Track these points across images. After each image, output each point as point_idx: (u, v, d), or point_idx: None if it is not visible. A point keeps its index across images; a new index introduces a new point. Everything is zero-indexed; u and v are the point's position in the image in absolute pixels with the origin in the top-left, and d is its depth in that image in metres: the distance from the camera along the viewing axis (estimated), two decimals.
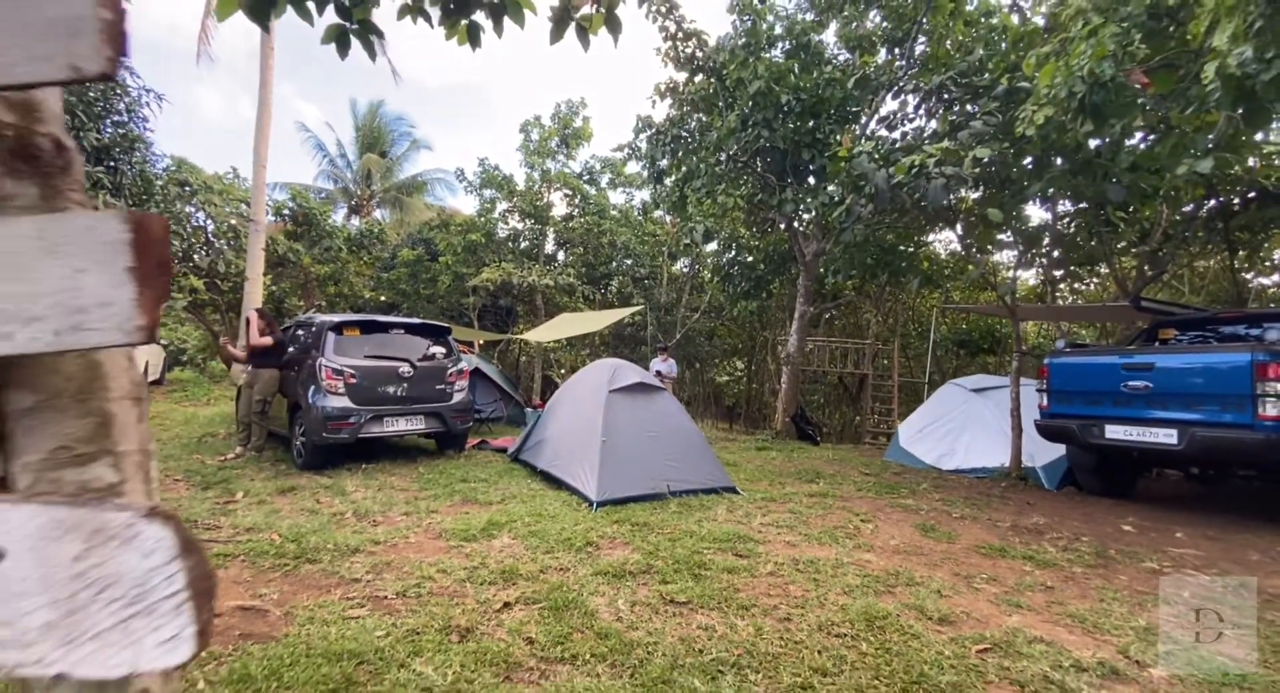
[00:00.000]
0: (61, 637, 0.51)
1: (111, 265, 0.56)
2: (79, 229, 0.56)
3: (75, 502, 0.53)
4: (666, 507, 5.14)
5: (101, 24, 0.55)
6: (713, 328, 19.36)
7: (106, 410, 0.64)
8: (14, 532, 0.52)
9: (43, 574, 0.51)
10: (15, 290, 0.56)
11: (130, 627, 0.51)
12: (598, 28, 2.89)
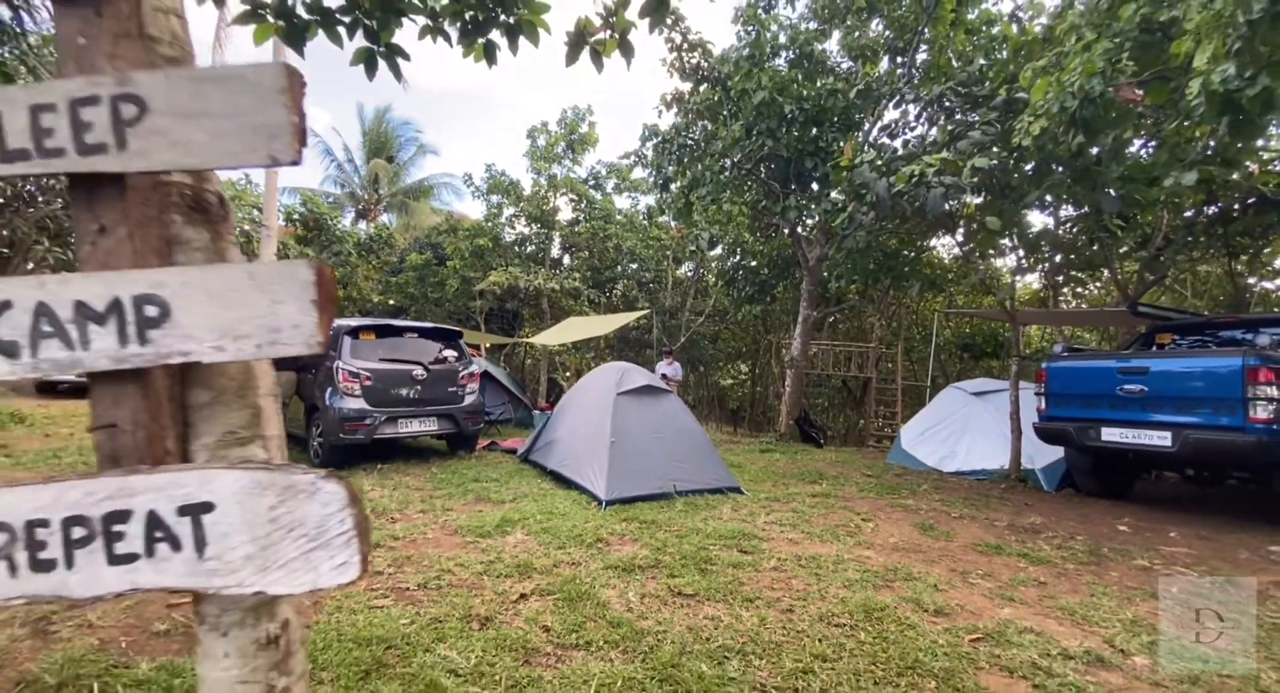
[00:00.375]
0: (259, 565, 0.69)
1: (302, 298, 0.74)
2: (279, 272, 0.75)
3: (271, 467, 0.72)
4: (673, 506, 5.31)
5: (293, 127, 0.73)
6: (717, 332, 19.51)
7: (258, 404, 0.81)
8: (221, 490, 0.70)
9: (245, 520, 0.69)
10: (232, 315, 0.74)
11: (311, 557, 0.69)
12: (611, 51, 3.07)
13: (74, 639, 2.81)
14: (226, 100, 0.80)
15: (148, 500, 0.73)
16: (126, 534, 0.72)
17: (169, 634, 2.92)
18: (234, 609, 0.77)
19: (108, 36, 0.77)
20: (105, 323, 0.74)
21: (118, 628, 2.95)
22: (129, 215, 0.77)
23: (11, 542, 0.72)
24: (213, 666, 0.80)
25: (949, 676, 2.66)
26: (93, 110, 0.75)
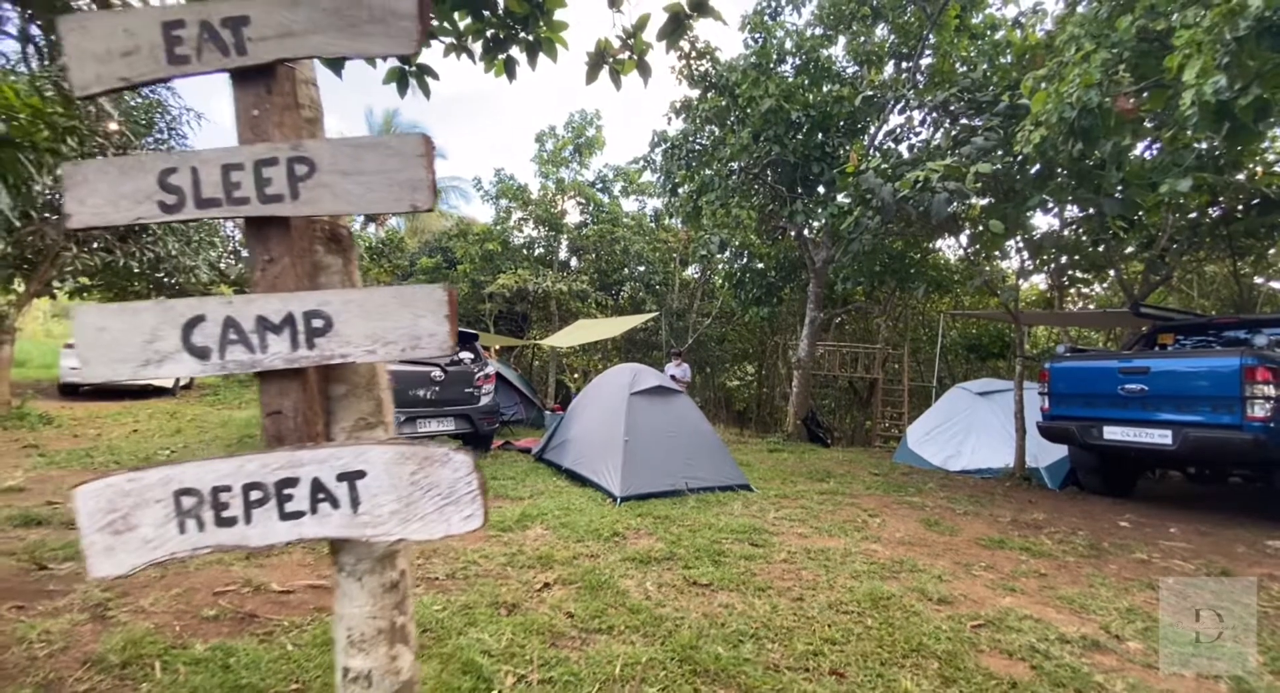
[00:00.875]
0: (402, 518, 0.87)
1: (437, 313, 0.93)
2: (420, 293, 0.93)
3: (412, 442, 0.90)
4: (685, 502, 5.48)
5: (429, 182, 0.92)
6: (723, 333, 19.66)
7: (380, 397, 0.99)
8: (373, 461, 0.89)
9: (391, 484, 0.88)
10: (382, 326, 0.93)
11: (444, 511, 0.88)
12: (629, 71, 3.25)
13: (131, 624, 3.01)
14: (378, 162, 1.01)
15: (312, 470, 0.92)
16: (295, 496, 0.91)
17: (218, 620, 3.11)
18: (367, 559, 0.95)
19: (275, 109, 0.97)
20: (281, 332, 0.93)
21: (170, 614, 3.15)
22: (291, 248, 0.96)
23: (199, 504, 0.91)
24: (349, 604, 0.99)
25: (951, 657, 2.83)
26: (272, 169, 0.94)
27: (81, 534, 0.93)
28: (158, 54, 0.97)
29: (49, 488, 5.55)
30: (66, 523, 4.53)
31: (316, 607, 3.26)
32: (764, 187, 9.60)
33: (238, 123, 0.99)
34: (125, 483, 0.92)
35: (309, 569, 3.80)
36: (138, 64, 0.98)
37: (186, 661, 2.67)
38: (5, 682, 2.50)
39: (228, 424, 9.93)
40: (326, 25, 0.99)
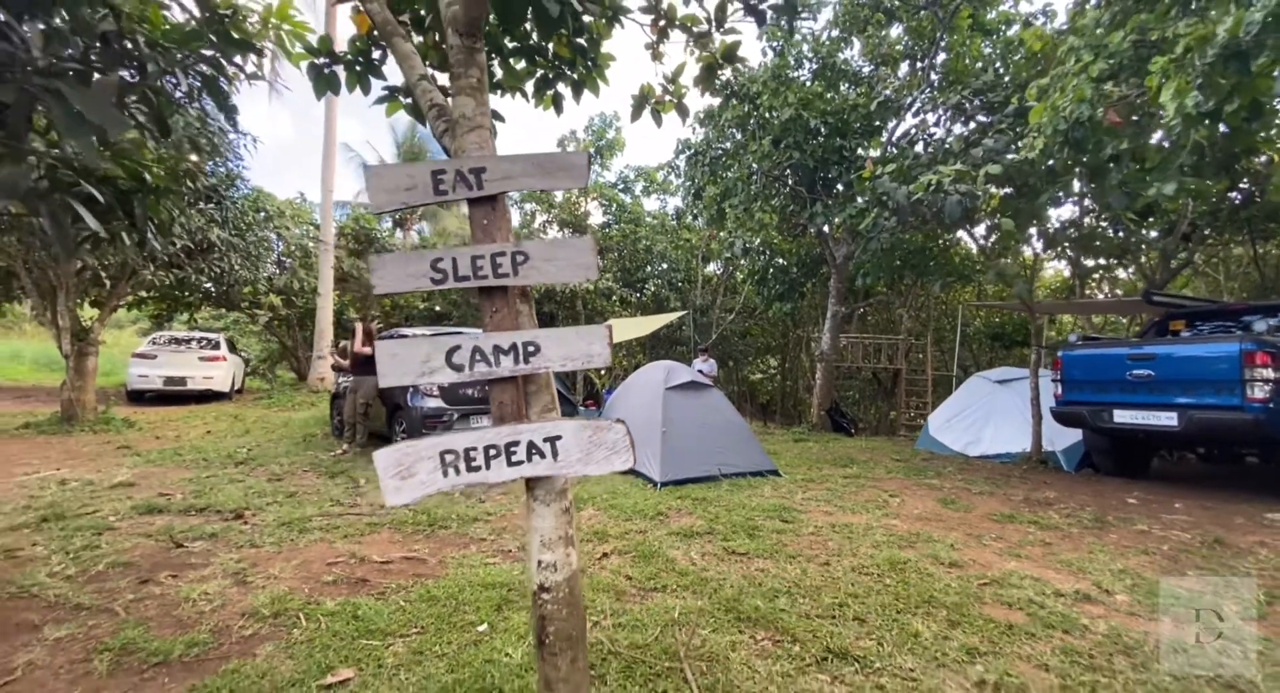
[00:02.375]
0: (583, 462, 1.40)
1: (602, 340, 1.46)
2: (593, 329, 1.47)
3: (588, 418, 1.44)
4: (720, 486, 6.01)
5: (596, 263, 1.45)
6: (746, 328, 20.06)
7: (552, 392, 1.52)
8: (565, 430, 1.42)
9: (577, 442, 1.41)
10: (569, 349, 1.46)
11: (610, 457, 1.41)
12: (669, 111, 3.76)
13: (269, 586, 3.64)
14: (567, 253, 1.51)
15: (528, 435, 1.45)
16: (517, 452, 1.44)
17: (336, 583, 3.73)
18: (553, 491, 1.47)
19: (497, 219, 1.50)
20: (508, 354, 1.46)
21: (296, 580, 3.77)
22: (508, 303, 1.49)
23: (457, 458, 1.45)
24: (540, 521, 1.52)
25: (958, 607, 3.31)
26: (503, 258, 1.47)
27: (380, 479, 1.47)
28: (427, 189, 1.51)
29: (154, 482, 6.27)
30: (183, 510, 5.23)
31: (415, 574, 3.86)
32: (785, 189, 10.03)
33: (473, 226, 1.53)
34: (407, 447, 1.46)
35: (399, 546, 4.41)
36: (415, 195, 1.53)
37: (322, 613, 3.27)
38: (185, 629, 3.13)
39: (289, 424, 10.70)
40: (532, 172, 1.52)
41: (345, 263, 17.91)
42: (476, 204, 1.53)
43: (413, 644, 2.94)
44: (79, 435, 9.10)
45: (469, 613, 3.26)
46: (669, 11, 3.30)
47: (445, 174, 1.51)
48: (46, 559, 4.01)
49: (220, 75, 3.23)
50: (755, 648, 2.93)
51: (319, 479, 6.52)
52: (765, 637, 3.04)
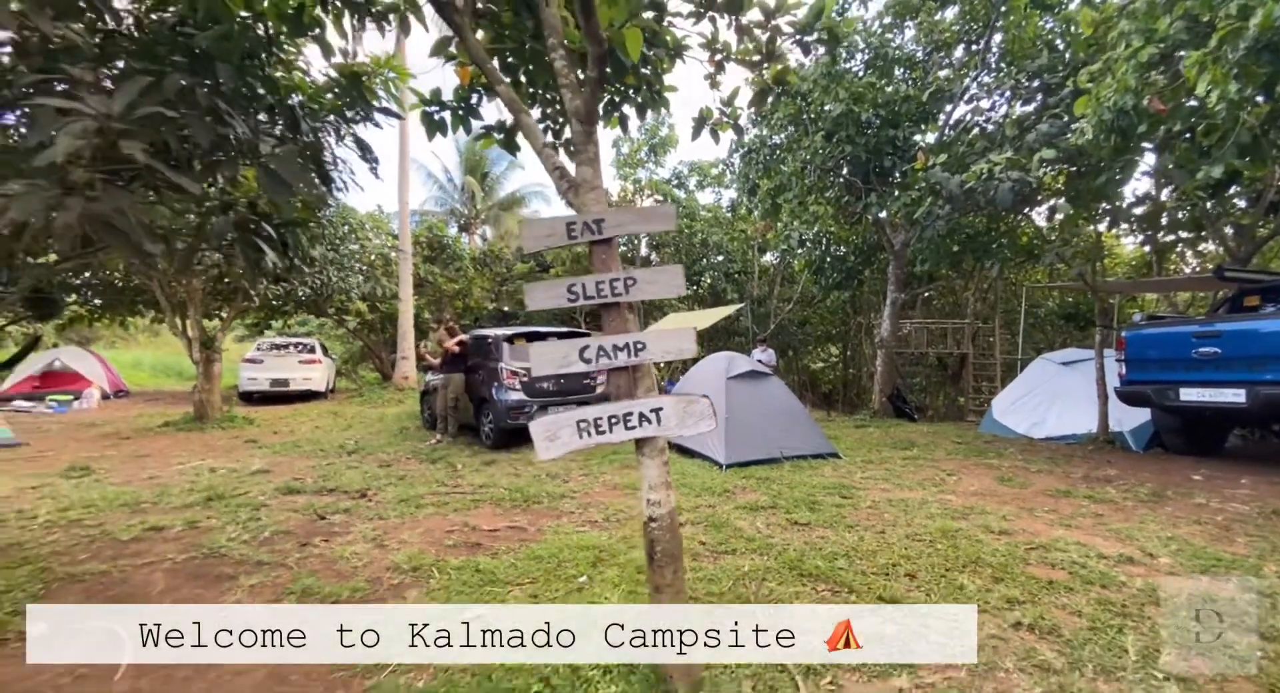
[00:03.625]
0: (679, 426, 1.93)
1: (691, 338, 2.00)
2: (684, 332, 2.01)
3: (684, 394, 1.97)
4: (781, 467, 6.44)
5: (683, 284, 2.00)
6: (805, 317, 20.10)
7: (654, 378, 2.04)
8: (666, 404, 1.95)
9: (675, 413, 1.94)
10: (667, 345, 2.01)
11: (698, 422, 1.93)
12: (726, 130, 4.23)
13: (402, 548, 4.37)
14: (664, 276, 2.07)
15: (638, 409, 2.00)
16: (631, 419, 1.99)
17: (455, 546, 4.42)
18: (655, 447, 2.01)
19: (611, 255, 2.06)
20: (622, 351, 2.01)
21: (423, 543, 4.50)
22: (621, 314, 2.05)
23: (589, 425, 2.02)
24: (648, 471, 2.07)
25: (1003, 567, 3.66)
26: (617, 283, 2.03)
27: (535, 440, 2.06)
28: (563, 235, 2.09)
29: (285, 469, 7.26)
30: (316, 491, 6.11)
31: (518, 539, 4.53)
32: (838, 180, 10.21)
33: (593, 261, 2.10)
34: (554, 419, 2.04)
35: (501, 517, 5.10)
36: (554, 240, 2.11)
37: (450, 568, 3.96)
38: (345, 578, 3.87)
39: (383, 419, 11.80)
40: (637, 220, 2.07)
41: (421, 269, 19.15)
42: (597, 245, 2.08)
43: (528, 591, 3.58)
44: (211, 432, 10.41)
45: (570, 568, 3.87)
46: (725, 47, 3.76)
47: (575, 225, 2.07)
48: (222, 529, 4.90)
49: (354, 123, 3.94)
50: (815, 597, 3.40)
51: (421, 465, 7.36)
52: (825, 588, 3.50)
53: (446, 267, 20.33)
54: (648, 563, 2.11)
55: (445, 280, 20.22)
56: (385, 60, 4.31)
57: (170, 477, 6.92)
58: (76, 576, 3.96)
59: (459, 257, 20.52)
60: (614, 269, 2.08)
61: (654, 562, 2.07)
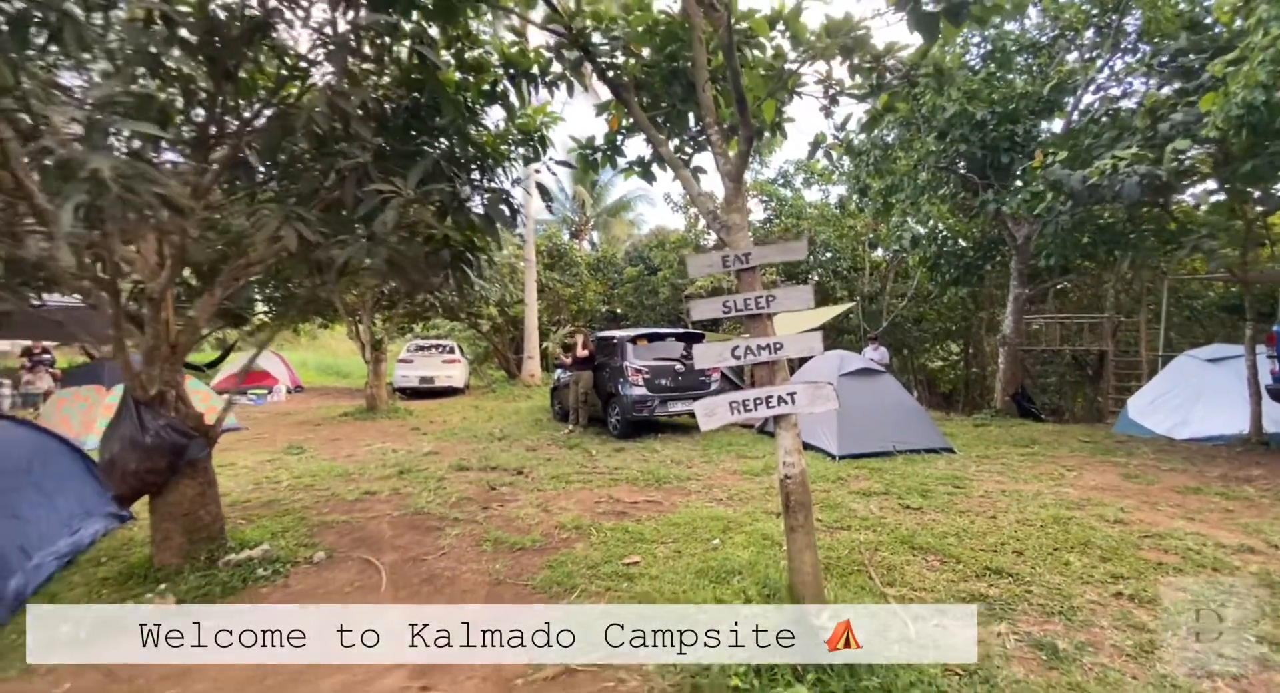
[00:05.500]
0: (809, 405, 2.59)
1: (818, 340, 2.66)
2: (808, 336, 2.67)
3: (812, 381, 2.63)
4: (894, 459, 6.77)
5: (814, 298, 2.66)
6: (920, 313, 19.51)
7: (787, 370, 2.69)
8: (799, 389, 2.60)
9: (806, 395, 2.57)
10: (800, 345, 2.67)
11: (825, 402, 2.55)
12: (840, 151, 4.74)
13: (562, 513, 5.28)
14: (796, 293, 2.71)
15: (777, 392, 2.64)
16: (772, 400, 2.65)
17: (605, 514, 5.27)
18: (788, 421, 2.65)
19: (755, 279, 2.73)
20: (765, 350, 2.67)
21: (578, 510, 5.39)
22: (762, 323, 2.72)
23: (739, 404, 2.70)
24: (784, 440, 2.72)
25: (1113, 550, 3.91)
26: (760, 299, 2.70)
27: (697, 415, 2.79)
28: (718, 265, 2.81)
29: (450, 451, 8.56)
30: (481, 468, 7.26)
31: (655, 510, 5.30)
32: (953, 177, 10.11)
33: (741, 284, 2.79)
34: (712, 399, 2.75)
35: (639, 493, 5.91)
36: (714, 269, 2.84)
37: (605, 528, 4.80)
38: (523, 533, 4.81)
39: (518, 412, 13.18)
40: (776, 254, 2.74)
41: (542, 276, 20.74)
42: (744, 272, 2.75)
43: (671, 548, 4.32)
44: (381, 421, 12.21)
45: (703, 533, 4.58)
46: (839, 84, 4.30)
47: (729, 258, 2.76)
48: (418, 495, 6.09)
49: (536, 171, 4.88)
50: (925, 565, 3.87)
51: (560, 450, 8.40)
52: (934, 559, 3.96)
53: (564, 273, 21.83)
54: (783, 510, 2.75)
55: (563, 286, 21.72)
56: (540, 108, 5.25)
57: (363, 455, 8.43)
58: (328, 524, 5.22)
59: (575, 263, 21.97)
60: (757, 288, 2.74)
61: (789, 509, 2.70)
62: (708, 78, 3.11)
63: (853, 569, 3.77)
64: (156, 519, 4.13)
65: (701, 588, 3.53)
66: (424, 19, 3.96)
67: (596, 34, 3.86)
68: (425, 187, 3.13)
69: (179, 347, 4.22)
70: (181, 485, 4.11)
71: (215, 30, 3.24)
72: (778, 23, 3.82)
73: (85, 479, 5.19)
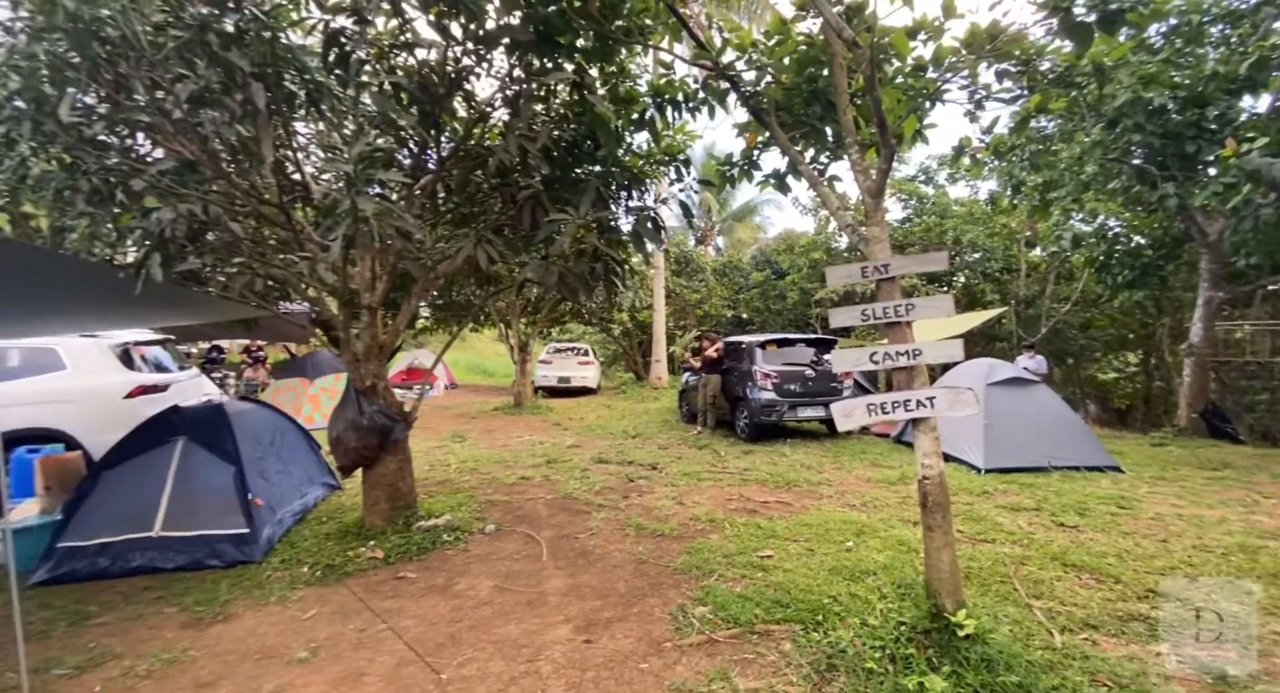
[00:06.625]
0: (948, 409, 2.73)
1: (959, 346, 2.80)
2: (950, 342, 2.82)
3: (952, 385, 2.76)
4: (1049, 476, 6.35)
5: (954, 307, 2.81)
6: (1088, 319, 17.53)
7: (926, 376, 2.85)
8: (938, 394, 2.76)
9: (944, 399, 2.75)
10: (939, 351, 2.84)
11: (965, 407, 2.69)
12: (988, 155, 4.65)
13: (696, 507, 5.62)
14: (936, 302, 2.87)
15: (915, 396, 2.78)
16: (910, 404, 2.80)
17: (736, 510, 5.54)
18: (927, 425, 2.78)
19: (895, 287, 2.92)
20: (904, 355, 2.85)
21: (711, 505, 5.70)
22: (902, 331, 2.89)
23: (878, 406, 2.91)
24: (922, 443, 2.85)
25: None
26: (900, 308, 2.88)
27: (834, 416, 3.00)
28: (857, 275, 3.02)
29: (589, 446, 9.24)
30: (618, 462, 7.81)
31: (786, 510, 5.47)
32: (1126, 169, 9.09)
33: (880, 293, 2.98)
34: (848, 402, 2.96)
35: (769, 494, 6.11)
36: (852, 279, 3.06)
37: (738, 524, 5.07)
38: (661, 521, 5.20)
39: (647, 413, 13.77)
40: (914, 264, 2.92)
41: (670, 281, 21.35)
42: (883, 282, 2.92)
43: (803, 545, 4.50)
44: (527, 416, 13.35)
45: (836, 535, 4.70)
46: (985, 88, 4.25)
47: (869, 269, 2.95)
48: (566, 482, 6.73)
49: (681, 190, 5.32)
50: (1078, 582, 3.73)
51: (690, 450, 8.77)
52: (1089, 578, 3.79)
53: (691, 278, 22.29)
54: (921, 509, 2.86)
55: (689, 292, 22.18)
56: (679, 127, 5.65)
57: (515, 446, 9.36)
58: (493, 502, 5.98)
59: (701, 269, 22.35)
60: (896, 297, 2.89)
61: (926, 508, 2.82)
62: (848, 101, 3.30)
63: (995, 580, 3.73)
64: (367, 488, 5.04)
65: (835, 583, 3.70)
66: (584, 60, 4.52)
67: (739, 62, 4.18)
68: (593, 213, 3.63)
69: (384, 346, 5.13)
70: (387, 461, 4.98)
71: (426, 89, 3.97)
72: (918, 34, 3.90)
73: (309, 453, 6.38)
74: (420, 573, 4.21)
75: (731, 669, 2.83)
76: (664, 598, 3.67)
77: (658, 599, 3.66)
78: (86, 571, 4.22)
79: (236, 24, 3.26)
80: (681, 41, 4.59)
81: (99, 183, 3.68)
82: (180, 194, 3.58)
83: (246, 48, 3.19)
